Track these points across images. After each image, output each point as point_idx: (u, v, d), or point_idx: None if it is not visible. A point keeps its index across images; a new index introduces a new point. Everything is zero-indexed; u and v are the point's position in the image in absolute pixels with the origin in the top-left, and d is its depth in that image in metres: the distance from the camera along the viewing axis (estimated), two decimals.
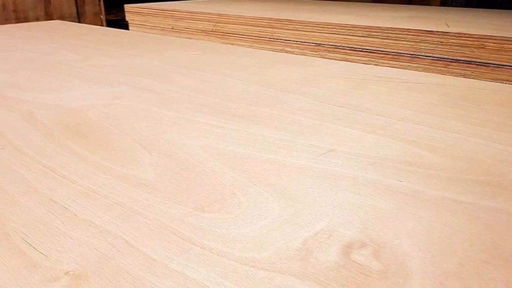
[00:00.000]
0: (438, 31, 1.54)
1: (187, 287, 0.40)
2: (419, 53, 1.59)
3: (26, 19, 3.56)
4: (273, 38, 1.96)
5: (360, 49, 1.71)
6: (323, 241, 0.46)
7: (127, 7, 2.65)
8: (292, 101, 0.91)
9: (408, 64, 1.61)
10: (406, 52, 1.62)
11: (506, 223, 0.49)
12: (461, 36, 1.49)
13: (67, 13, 3.80)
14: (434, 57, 1.56)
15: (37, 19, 3.58)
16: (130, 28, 2.65)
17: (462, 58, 1.50)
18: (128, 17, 2.67)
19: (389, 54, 1.65)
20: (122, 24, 2.95)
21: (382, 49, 1.66)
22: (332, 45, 1.78)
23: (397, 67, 1.61)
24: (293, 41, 1.90)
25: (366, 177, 0.59)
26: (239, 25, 2.08)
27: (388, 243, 0.46)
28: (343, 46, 1.75)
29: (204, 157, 0.66)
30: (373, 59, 1.69)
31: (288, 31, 1.90)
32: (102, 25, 3.81)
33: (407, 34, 1.60)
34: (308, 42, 1.85)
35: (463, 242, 0.46)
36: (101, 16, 4.00)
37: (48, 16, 3.70)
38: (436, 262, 0.43)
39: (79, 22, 3.79)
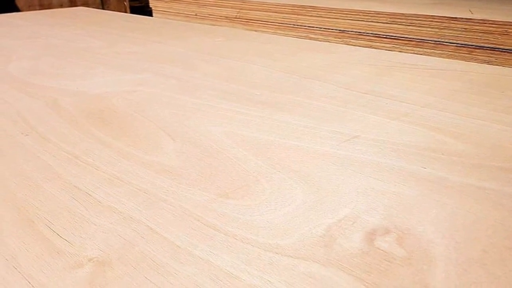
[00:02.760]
0: (462, 18, 1.53)
1: (211, 273, 0.40)
2: (443, 40, 1.57)
3: (50, 6, 3.57)
4: (297, 25, 1.96)
5: (384, 36, 1.70)
6: (347, 227, 0.46)
7: None
8: (315, 87, 0.91)
9: (432, 50, 1.60)
10: (430, 38, 1.60)
11: None
12: (485, 23, 1.48)
13: (90, 0, 3.81)
14: (458, 43, 1.54)
15: (61, 6, 3.59)
16: (153, 14, 2.65)
17: (486, 45, 1.49)
18: (151, 3, 2.67)
19: (413, 41, 1.64)
20: (146, 10, 2.95)
21: (406, 36, 1.65)
22: (356, 32, 1.77)
23: (421, 54, 1.59)
24: (316, 27, 1.89)
25: (390, 164, 0.59)
26: (262, 11, 2.07)
27: (412, 229, 0.46)
28: (367, 33, 1.74)
29: (227, 143, 0.66)
30: (397, 46, 1.68)
31: (311, 18, 1.89)
32: (126, 12, 3.81)
33: (431, 21, 1.59)
34: (332, 29, 1.84)
35: (487, 228, 0.46)
36: (125, 3, 4.00)
37: (72, 3, 3.71)
38: (460, 249, 0.43)
39: (103, 8, 3.79)
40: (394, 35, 1.68)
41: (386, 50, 1.63)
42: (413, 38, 1.64)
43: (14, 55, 1.25)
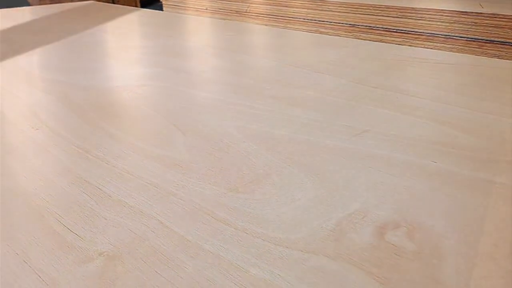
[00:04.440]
0: (472, 12, 1.52)
1: (221, 267, 0.40)
2: (453, 34, 1.57)
3: (60, 0, 3.57)
4: (307, 19, 1.95)
5: (394, 30, 1.70)
6: (357, 222, 0.46)
7: None
8: (326, 82, 0.91)
9: (442, 45, 1.60)
10: (440, 33, 1.60)
11: None
12: (495, 17, 1.47)
13: None
14: (468, 38, 1.54)
15: (72, 0, 3.60)
16: (164, 9, 2.65)
17: (496, 39, 1.48)
18: None
19: (423, 35, 1.64)
20: (156, 5, 2.95)
21: (416, 30, 1.65)
22: (366, 26, 1.77)
23: (431, 48, 1.59)
24: (327, 22, 1.88)
25: (400, 158, 0.59)
26: (273, 6, 2.07)
27: (422, 224, 0.46)
28: (377, 27, 1.74)
29: (238, 138, 0.66)
30: (407, 40, 1.67)
31: (322, 12, 1.89)
32: (136, 6, 3.81)
33: (441, 15, 1.58)
34: (342, 23, 1.83)
35: (498, 223, 0.46)
36: None
37: None
38: (470, 243, 0.43)
39: (113, 3, 3.79)
40: (404, 29, 1.67)
41: (396, 44, 1.62)
42: (423, 32, 1.63)
43: (24, 49, 1.25)
